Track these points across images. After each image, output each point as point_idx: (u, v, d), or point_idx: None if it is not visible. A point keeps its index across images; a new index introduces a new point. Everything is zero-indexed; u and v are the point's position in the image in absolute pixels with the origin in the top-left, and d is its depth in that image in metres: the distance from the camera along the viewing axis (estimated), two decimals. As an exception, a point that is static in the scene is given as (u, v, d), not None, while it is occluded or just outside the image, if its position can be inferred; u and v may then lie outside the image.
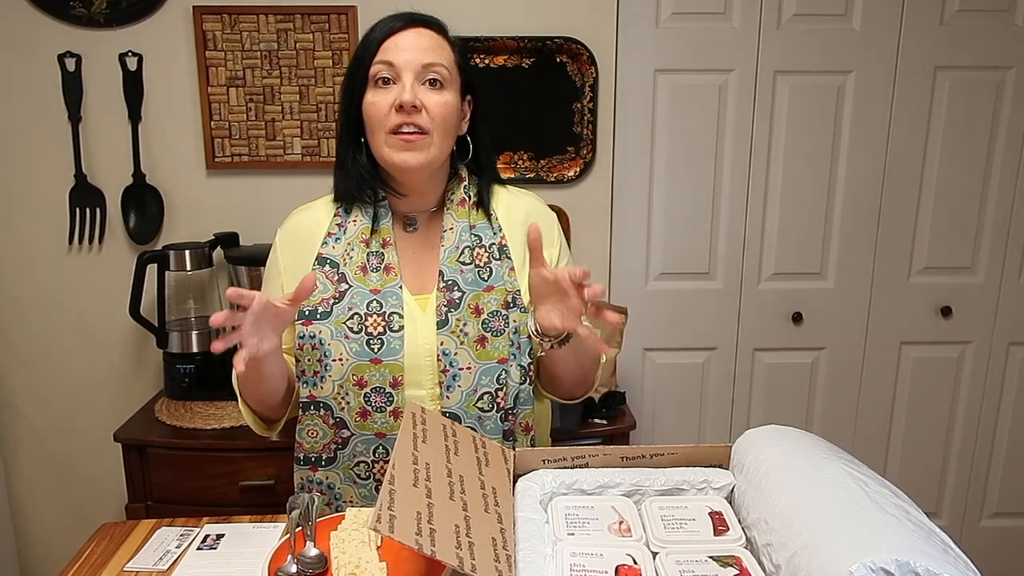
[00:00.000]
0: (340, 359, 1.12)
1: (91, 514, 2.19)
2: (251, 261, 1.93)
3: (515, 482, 1.01)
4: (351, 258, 1.16)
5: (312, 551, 0.95)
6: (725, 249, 2.22)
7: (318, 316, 1.13)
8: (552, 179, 2.11)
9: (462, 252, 1.17)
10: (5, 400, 2.16)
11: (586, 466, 1.04)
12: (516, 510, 0.93)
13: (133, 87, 2.00)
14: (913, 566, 0.72)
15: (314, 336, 1.13)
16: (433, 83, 1.11)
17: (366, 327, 1.12)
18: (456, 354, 1.13)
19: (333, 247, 1.18)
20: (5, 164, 2.03)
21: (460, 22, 1.98)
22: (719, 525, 0.93)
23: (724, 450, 1.06)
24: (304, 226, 1.22)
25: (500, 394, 1.16)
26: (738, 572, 0.83)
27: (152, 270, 1.92)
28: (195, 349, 1.95)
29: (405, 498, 0.81)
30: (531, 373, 1.19)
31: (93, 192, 2.05)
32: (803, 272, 2.25)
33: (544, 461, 1.03)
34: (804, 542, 0.80)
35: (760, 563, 0.86)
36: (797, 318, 2.26)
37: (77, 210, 2.05)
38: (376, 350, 1.12)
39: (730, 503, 1.00)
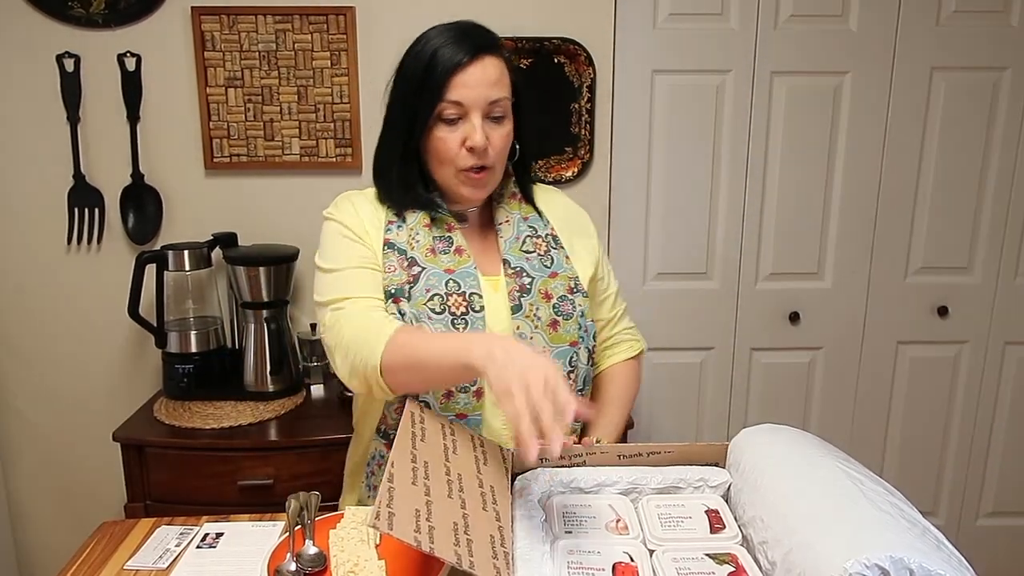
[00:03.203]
0: None
1: (90, 513, 2.19)
2: (250, 261, 1.93)
3: (513, 480, 1.01)
4: (418, 242, 1.17)
5: (311, 549, 0.95)
6: (722, 249, 2.23)
7: (405, 295, 1.13)
8: (550, 179, 2.11)
9: (523, 241, 1.21)
10: (4, 400, 2.17)
11: (584, 464, 1.04)
12: (514, 508, 0.94)
13: (132, 87, 2.00)
14: (907, 563, 0.73)
15: (403, 314, 1.12)
16: (497, 119, 1.13)
17: (449, 307, 1.13)
18: (531, 338, 1.15)
19: (396, 234, 1.18)
20: (4, 164, 2.04)
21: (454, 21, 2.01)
22: (715, 523, 0.94)
23: (720, 449, 1.06)
24: (370, 201, 1.22)
25: (572, 376, 1.19)
26: (734, 569, 0.84)
27: (151, 270, 1.92)
28: (194, 349, 1.95)
29: (404, 496, 0.81)
30: (594, 353, 1.25)
31: (92, 192, 2.05)
32: (800, 272, 2.25)
33: (542, 460, 1.04)
34: (799, 539, 0.81)
35: (756, 560, 0.87)
36: (794, 318, 2.26)
37: (76, 210, 2.05)
38: (461, 331, 1.12)
39: (726, 501, 1.00)
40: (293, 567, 0.92)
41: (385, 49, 2.03)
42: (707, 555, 0.86)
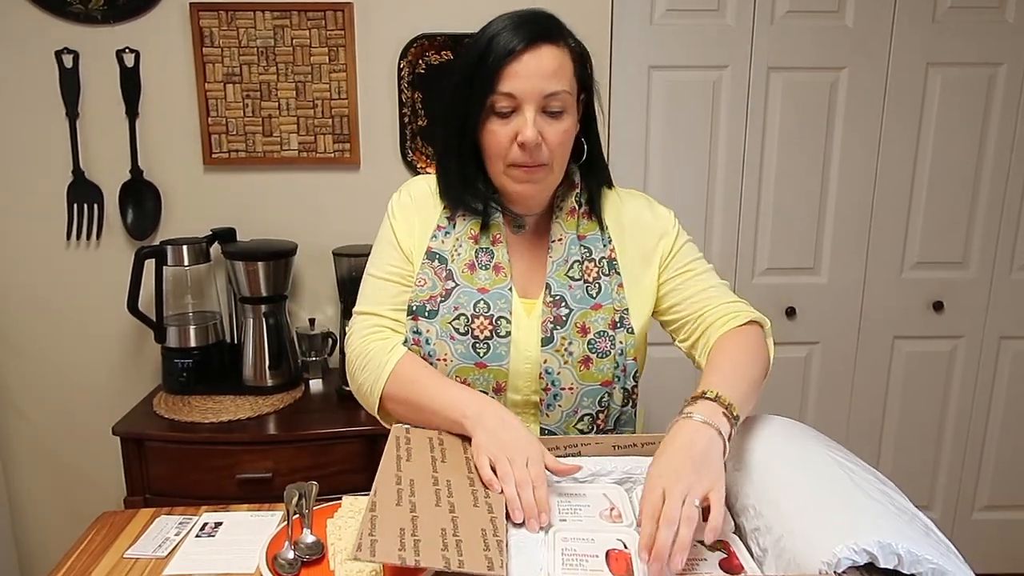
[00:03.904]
0: (444, 359, 1.10)
1: (89, 508, 2.20)
2: (248, 256, 1.94)
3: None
4: (459, 254, 1.13)
5: (309, 538, 0.96)
6: (719, 244, 2.24)
7: (426, 314, 1.11)
8: (547, 175, 2.12)
9: (571, 266, 1.13)
10: (4, 395, 2.17)
11: (579, 455, 1.05)
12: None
13: (130, 83, 2.01)
14: (895, 548, 0.74)
15: (419, 332, 1.11)
16: (554, 113, 1.06)
17: (472, 329, 1.10)
18: (559, 373, 1.10)
19: (442, 241, 1.15)
20: (3, 161, 2.04)
21: (451, 18, 2.02)
22: (708, 511, 0.95)
23: (714, 439, 1.07)
24: (432, 194, 1.19)
25: (601, 416, 1.14)
26: (726, 556, 0.85)
27: (150, 265, 1.93)
28: (193, 344, 1.96)
29: (387, 520, 0.82)
30: (635, 396, 1.17)
31: (91, 188, 2.06)
32: (796, 267, 2.26)
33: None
34: (790, 526, 0.82)
35: (748, 547, 0.88)
36: (790, 312, 2.27)
37: (75, 206, 2.06)
38: (482, 354, 1.10)
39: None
40: (291, 555, 0.93)
41: (382, 45, 2.04)
42: (699, 542, 0.87)
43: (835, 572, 0.74)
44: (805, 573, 0.76)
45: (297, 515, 1.00)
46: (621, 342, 1.12)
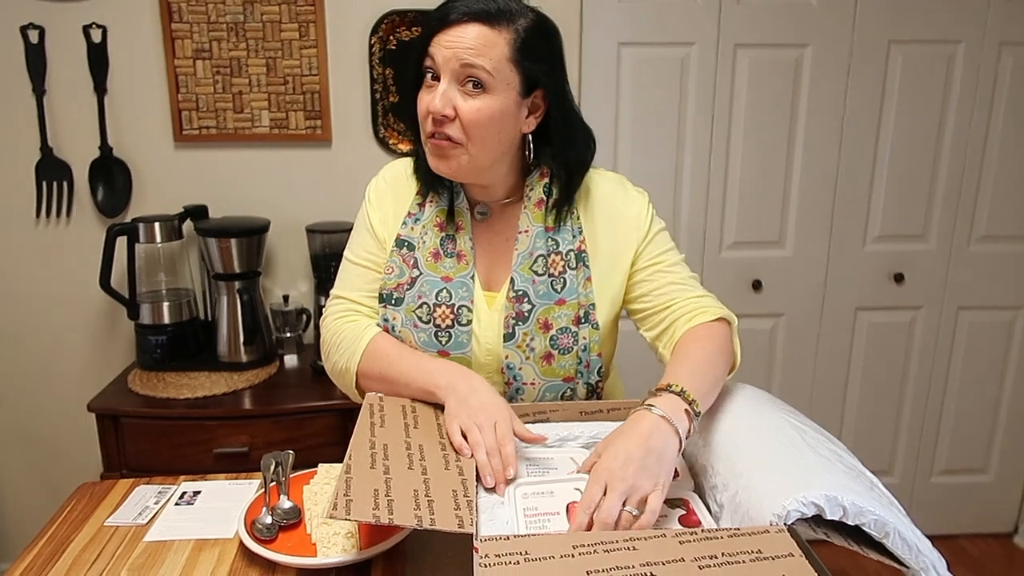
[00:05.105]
0: (410, 346, 1.13)
1: (66, 484, 2.18)
2: (221, 233, 1.94)
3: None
4: (425, 243, 1.14)
5: (286, 503, 0.99)
6: (687, 218, 2.28)
7: (392, 302, 1.14)
8: (518, 151, 2.14)
9: (535, 260, 1.12)
10: (-24, 374, 2.17)
11: (547, 420, 1.09)
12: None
13: (98, 59, 1.99)
14: (840, 500, 0.78)
15: (387, 320, 1.14)
16: (475, 85, 1.02)
17: (434, 318, 1.12)
18: (520, 369, 1.12)
19: (412, 228, 1.16)
20: (-31, 137, 2.02)
21: (423, -5, 2.02)
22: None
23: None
24: (407, 177, 1.19)
25: None
26: (684, 512, 0.90)
27: (122, 243, 1.93)
28: (166, 320, 1.97)
29: (361, 481, 0.85)
30: (599, 390, 1.17)
31: (60, 165, 2.04)
32: (762, 241, 2.31)
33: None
34: (745, 483, 0.87)
35: (707, 504, 0.93)
36: (757, 285, 2.33)
37: (44, 184, 2.05)
38: (444, 343, 1.12)
39: (681, 452, 1.06)
40: (269, 520, 0.96)
41: (353, 21, 2.04)
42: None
43: (785, 524, 0.79)
44: (757, 526, 0.80)
45: (274, 482, 1.03)
46: (584, 338, 1.12)
